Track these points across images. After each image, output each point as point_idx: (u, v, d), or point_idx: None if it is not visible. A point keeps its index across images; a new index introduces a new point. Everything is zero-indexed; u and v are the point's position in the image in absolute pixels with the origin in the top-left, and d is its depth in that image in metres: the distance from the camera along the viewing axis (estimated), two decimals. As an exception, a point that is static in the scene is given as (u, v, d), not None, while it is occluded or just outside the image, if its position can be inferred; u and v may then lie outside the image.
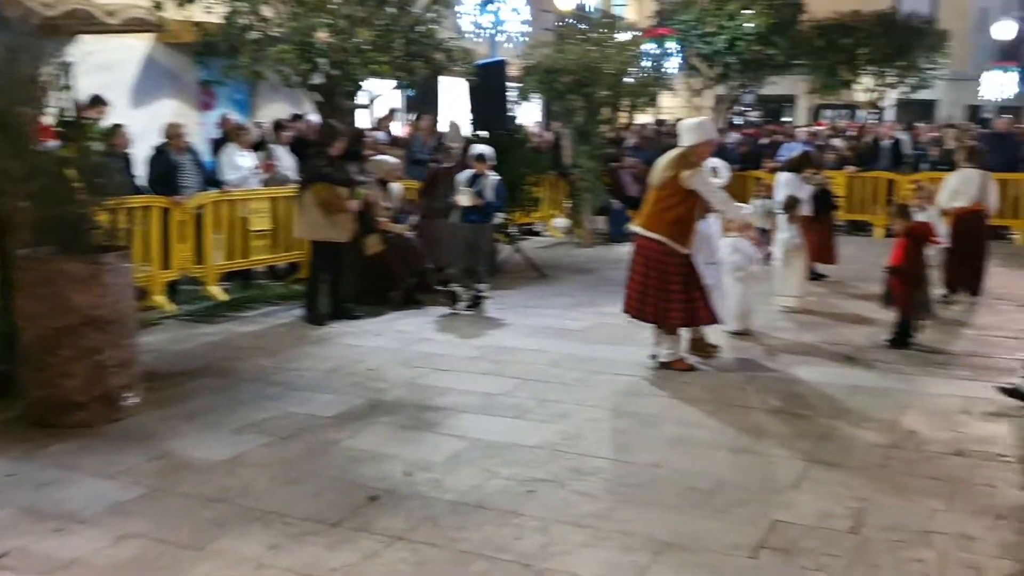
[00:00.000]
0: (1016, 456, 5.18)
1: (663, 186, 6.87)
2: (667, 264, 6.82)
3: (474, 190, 9.20)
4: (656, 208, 6.90)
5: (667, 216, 6.82)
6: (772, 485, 4.80)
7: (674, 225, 6.82)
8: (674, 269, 6.82)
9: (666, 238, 6.81)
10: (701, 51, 21.43)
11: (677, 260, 6.84)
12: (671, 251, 6.81)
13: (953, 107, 31.46)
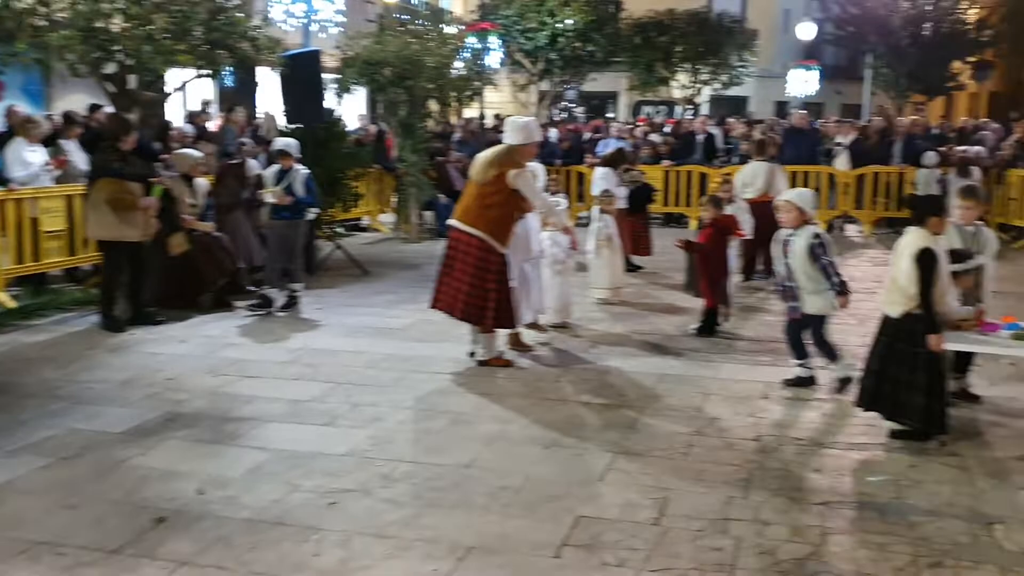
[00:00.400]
0: (810, 439, 5.40)
1: (487, 183, 6.75)
2: (486, 262, 6.72)
3: (282, 186, 8.83)
4: (478, 204, 6.77)
5: (489, 214, 6.72)
6: (580, 479, 4.79)
7: (496, 223, 6.72)
8: (493, 268, 6.73)
9: (487, 235, 6.71)
10: (523, 47, 21.69)
11: (496, 259, 6.76)
12: (491, 249, 6.72)
13: (762, 103, 33.22)
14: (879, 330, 5.42)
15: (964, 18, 29.22)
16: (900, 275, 5.20)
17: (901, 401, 5.24)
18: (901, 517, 4.29)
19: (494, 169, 6.73)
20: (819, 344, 6.36)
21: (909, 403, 5.21)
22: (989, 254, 5.94)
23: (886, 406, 5.32)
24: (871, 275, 11.19)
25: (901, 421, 5.32)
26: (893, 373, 5.24)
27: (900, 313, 5.21)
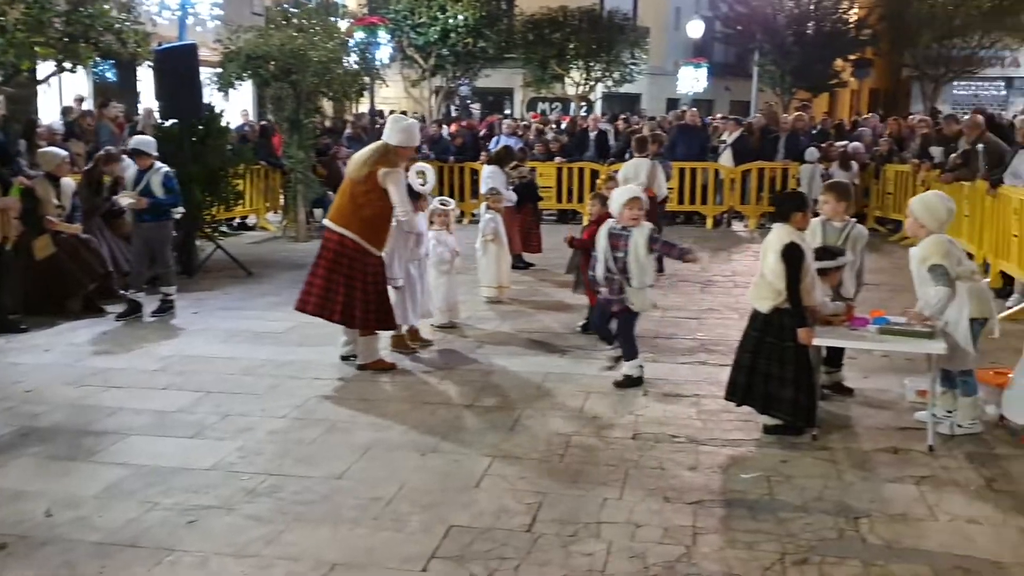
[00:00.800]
0: (686, 436, 5.42)
1: (360, 181, 6.53)
2: (360, 264, 6.53)
3: (140, 188, 8.37)
4: (351, 204, 6.56)
5: (362, 214, 6.51)
6: (456, 486, 4.68)
7: (368, 223, 6.52)
8: (369, 270, 6.54)
9: (359, 237, 6.51)
10: (415, 42, 21.48)
11: (371, 260, 6.57)
12: (364, 251, 6.53)
13: (654, 100, 33.82)
14: (749, 325, 5.47)
15: (845, 17, 30.30)
16: (767, 271, 5.25)
17: (772, 395, 5.30)
18: (771, 514, 4.32)
19: (367, 167, 6.53)
20: (625, 338, 6.53)
21: (779, 397, 5.27)
22: (859, 250, 6.06)
23: (759, 400, 5.38)
24: (754, 269, 11.41)
25: (773, 415, 5.39)
26: (764, 368, 5.29)
27: (769, 308, 5.27)
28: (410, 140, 6.75)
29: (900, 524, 4.19)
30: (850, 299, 5.88)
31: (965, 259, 5.39)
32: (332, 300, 6.54)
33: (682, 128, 16.47)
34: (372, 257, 6.56)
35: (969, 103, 32.01)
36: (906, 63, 31.79)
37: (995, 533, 4.10)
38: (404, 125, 6.80)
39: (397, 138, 6.64)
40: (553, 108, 32.14)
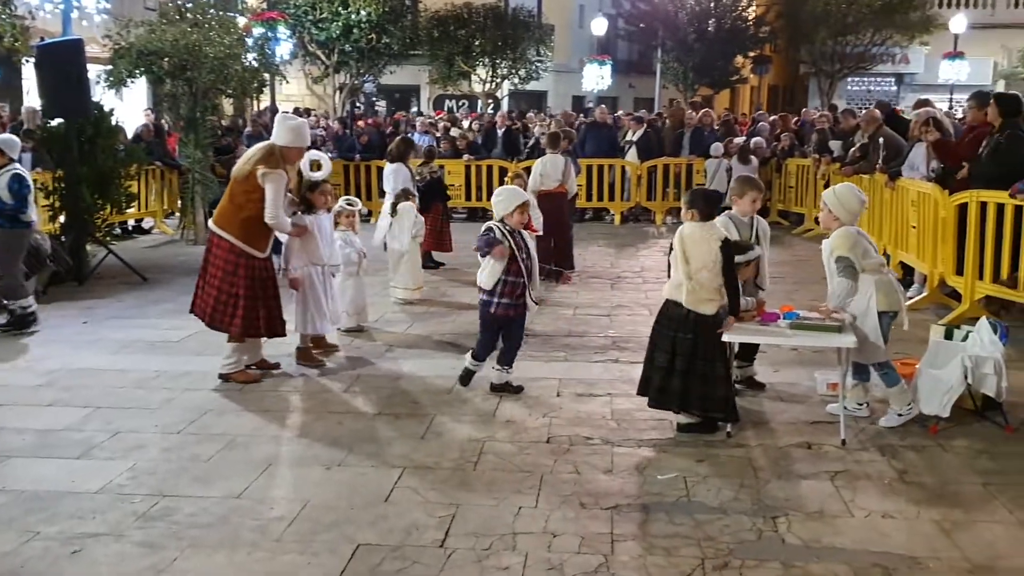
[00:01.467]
0: (601, 438, 5.31)
1: (241, 180, 6.20)
2: (236, 267, 6.20)
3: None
4: (231, 205, 6.25)
5: (241, 215, 6.19)
6: (363, 501, 4.45)
7: (247, 224, 6.19)
8: (244, 272, 6.21)
9: (236, 238, 6.18)
10: (316, 37, 20.98)
11: (248, 263, 6.23)
12: (242, 253, 6.20)
13: (560, 97, 33.95)
14: (675, 327, 5.23)
15: (745, 15, 30.92)
16: (707, 272, 5.11)
17: (698, 394, 5.18)
18: (688, 516, 4.23)
19: (248, 166, 6.19)
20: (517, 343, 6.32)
21: (714, 396, 5.17)
22: (766, 244, 6.07)
23: (675, 400, 5.26)
24: (662, 264, 11.41)
25: (693, 413, 5.31)
26: (700, 368, 5.16)
27: (716, 309, 5.16)
28: (298, 140, 6.37)
29: (817, 522, 4.15)
30: (761, 293, 5.88)
31: (873, 251, 5.42)
32: (207, 303, 6.28)
33: (591, 125, 16.50)
34: (253, 259, 6.24)
35: (862, 99, 33.06)
36: (803, 60, 32.58)
37: (909, 527, 4.09)
38: (292, 124, 6.45)
39: (285, 138, 6.29)
40: (460, 106, 31.93)
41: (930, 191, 8.66)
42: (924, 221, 8.85)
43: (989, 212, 7.66)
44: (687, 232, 5.21)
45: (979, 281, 7.84)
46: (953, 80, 28.67)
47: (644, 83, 35.16)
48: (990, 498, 4.39)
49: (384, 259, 9.48)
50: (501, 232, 5.96)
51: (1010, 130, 7.74)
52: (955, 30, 28.62)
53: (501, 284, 5.97)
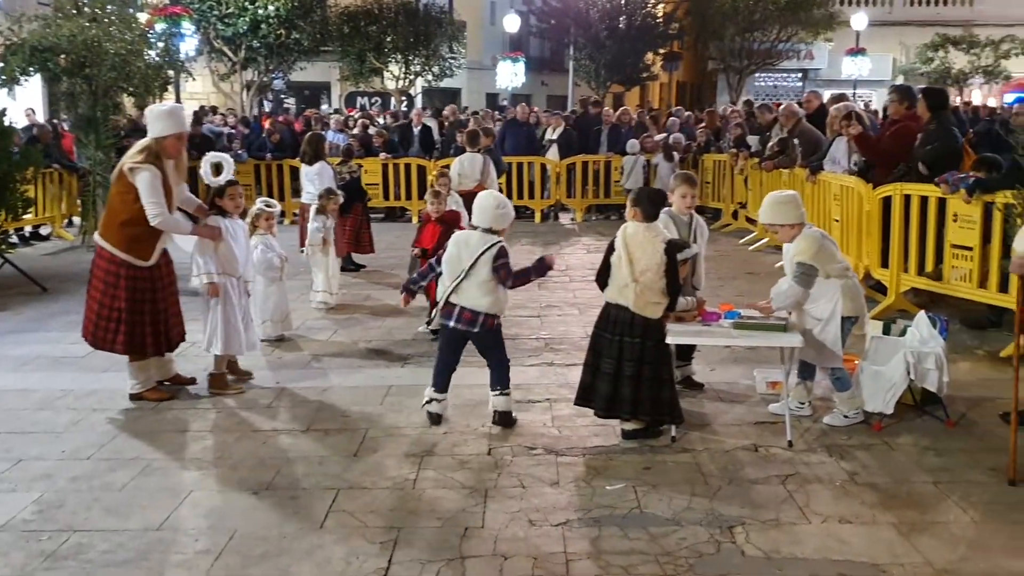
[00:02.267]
0: (544, 447, 5.10)
1: (115, 182, 5.72)
2: (116, 278, 5.70)
3: None
4: (109, 211, 5.78)
5: (118, 219, 5.67)
6: (296, 528, 4.15)
7: (125, 230, 5.67)
8: (125, 284, 5.70)
9: (115, 247, 5.68)
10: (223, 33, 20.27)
11: (130, 274, 5.72)
12: (122, 263, 5.69)
13: (474, 95, 33.72)
14: (621, 331, 5.04)
15: (655, 12, 31.20)
16: (652, 275, 4.94)
17: (648, 398, 5.02)
18: (643, 530, 4.06)
19: (119, 167, 5.69)
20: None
21: (658, 399, 5.03)
22: (703, 242, 5.96)
23: (627, 408, 5.05)
24: (587, 263, 11.35)
25: (641, 419, 5.13)
26: (634, 372, 4.99)
27: (662, 313, 5.01)
28: (176, 125, 5.78)
29: (775, 530, 4.02)
30: (698, 292, 5.76)
31: (839, 256, 5.33)
32: (89, 320, 5.82)
33: (510, 123, 16.33)
34: (135, 269, 5.72)
35: (769, 94, 33.77)
36: (712, 56, 33.10)
37: (868, 532, 4.00)
38: (164, 110, 5.87)
39: (158, 127, 5.71)
40: (373, 103, 31.41)
41: (853, 185, 8.73)
42: (847, 215, 8.93)
43: (913, 205, 7.73)
44: (631, 232, 5.03)
45: (904, 274, 7.91)
46: (855, 76, 29.51)
47: (557, 80, 35.19)
48: (942, 497, 4.34)
49: (303, 263, 9.13)
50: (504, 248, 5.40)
51: (939, 120, 7.86)
52: (856, 27, 29.47)
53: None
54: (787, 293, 5.14)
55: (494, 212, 5.37)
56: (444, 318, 5.42)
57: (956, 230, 7.29)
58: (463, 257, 5.26)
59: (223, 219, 6.21)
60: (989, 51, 29.99)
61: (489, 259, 5.21)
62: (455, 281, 5.28)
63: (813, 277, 5.10)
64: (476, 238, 5.30)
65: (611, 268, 5.10)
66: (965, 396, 5.79)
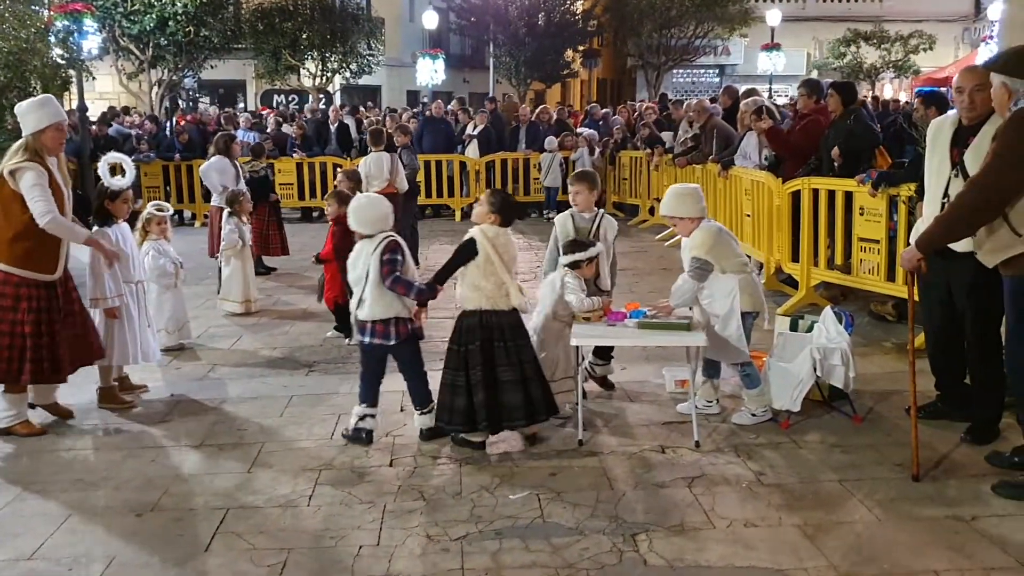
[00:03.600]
0: (448, 456, 4.93)
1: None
2: (16, 300, 5.17)
3: None
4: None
5: (7, 233, 5.13)
6: (180, 553, 3.90)
7: (19, 243, 5.15)
8: (26, 306, 5.17)
9: (10, 265, 5.15)
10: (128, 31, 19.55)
11: (31, 293, 5.20)
12: (21, 281, 5.17)
13: (394, 92, 33.34)
14: (495, 337, 4.90)
15: (573, 9, 31.26)
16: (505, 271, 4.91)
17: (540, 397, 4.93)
18: (544, 540, 3.91)
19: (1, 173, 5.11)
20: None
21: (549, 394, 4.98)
22: (610, 241, 5.83)
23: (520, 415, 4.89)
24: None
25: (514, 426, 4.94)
26: (519, 375, 4.89)
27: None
28: (51, 116, 5.23)
29: (679, 537, 3.91)
30: (607, 292, 5.64)
31: (737, 249, 5.26)
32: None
33: (427, 120, 16.11)
34: (39, 288, 5.23)
35: (687, 90, 34.15)
36: (630, 53, 33.29)
37: (773, 535, 3.91)
38: (36, 102, 5.37)
39: (32, 122, 5.17)
40: (290, 101, 30.80)
41: (763, 179, 8.75)
42: (758, 210, 8.95)
43: (821, 199, 7.77)
44: (492, 235, 4.92)
45: (814, 268, 7.95)
46: (771, 71, 29.97)
47: (478, 77, 35.02)
48: (848, 496, 4.29)
49: (211, 266, 8.81)
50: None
51: (856, 113, 7.92)
52: (771, 23, 29.93)
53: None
54: (682, 289, 5.07)
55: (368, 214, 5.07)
56: (360, 334, 5.13)
57: (863, 223, 7.34)
58: (358, 266, 5.04)
59: (108, 229, 5.88)
60: (899, 46, 30.79)
61: (378, 256, 4.94)
62: (360, 293, 5.04)
63: (708, 272, 5.05)
64: (370, 243, 5.06)
65: (469, 276, 4.92)
66: (873, 390, 5.80)
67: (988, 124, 4.54)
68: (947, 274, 4.87)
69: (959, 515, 4.06)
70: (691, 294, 5.10)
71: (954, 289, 4.90)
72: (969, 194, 4.22)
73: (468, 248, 4.91)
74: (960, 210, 4.28)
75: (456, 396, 4.90)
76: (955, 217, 4.31)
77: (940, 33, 31.82)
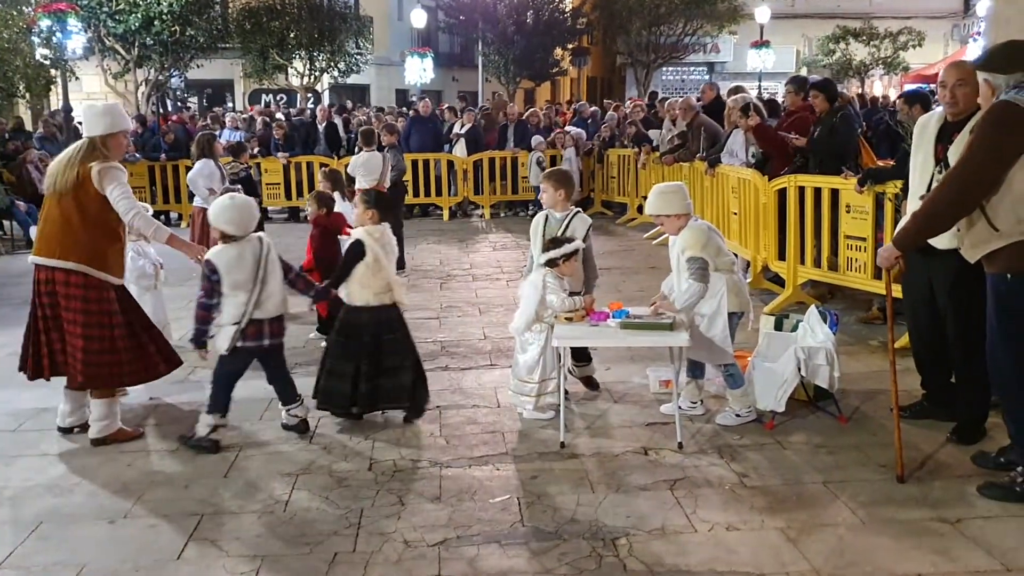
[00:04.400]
0: (428, 459, 4.85)
1: (70, 191, 5.01)
2: (99, 303, 5.07)
3: None
4: (68, 227, 5.03)
5: (90, 234, 5.02)
6: (150, 560, 3.82)
7: (101, 244, 5.06)
8: (105, 307, 5.07)
9: (93, 267, 5.03)
10: (113, 30, 19.40)
11: (107, 296, 5.10)
12: (99, 284, 5.06)
13: (383, 91, 33.24)
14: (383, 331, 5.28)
15: (562, 7, 31.20)
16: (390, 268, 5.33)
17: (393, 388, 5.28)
18: (523, 546, 3.84)
19: (73, 169, 5.04)
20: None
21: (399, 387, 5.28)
22: (578, 236, 5.72)
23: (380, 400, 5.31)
24: (491, 260, 11.17)
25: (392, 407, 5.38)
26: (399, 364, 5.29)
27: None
28: (119, 123, 5.23)
29: (659, 541, 3.85)
30: (589, 292, 5.57)
31: (725, 249, 5.19)
32: (76, 357, 5.05)
33: (415, 119, 16.02)
34: (108, 291, 5.11)
35: (677, 88, 34.16)
36: (619, 51, 33.28)
37: (755, 539, 3.85)
38: (104, 108, 5.32)
39: (102, 125, 5.15)
40: (279, 100, 30.68)
41: (750, 177, 8.70)
42: (745, 207, 8.90)
43: (807, 196, 7.72)
44: (378, 235, 5.26)
45: (801, 266, 7.90)
46: (760, 68, 29.96)
47: (467, 76, 34.93)
48: (832, 498, 4.23)
49: (194, 267, 8.69)
50: None
51: (843, 112, 7.88)
52: (760, 20, 29.95)
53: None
54: (689, 292, 4.97)
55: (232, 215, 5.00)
56: (255, 339, 5.06)
57: (849, 221, 7.29)
58: (244, 269, 4.97)
59: None
60: (888, 43, 30.82)
61: (277, 258, 5.10)
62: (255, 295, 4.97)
63: (707, 270, 4.99)
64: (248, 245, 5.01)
65: (358, 275, 5.21)
66: (858, 389, 5.75)
67: (972, 120, 4.49)
68: (929, 271, 4.83)
69: (944, 517, 4.01)
70: (699, 296, 5.00)
71: (936, 287, 4.85)
72: (945, 188, 4.16)
73: (357, 250, 5.21)
74: (937, 205, 4.21)
75: (341, 382, 5.23)
76: (932, 212, 4.24)
77: (929, 29, 31.89)
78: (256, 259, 4.96)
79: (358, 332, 5.22)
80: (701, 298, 4.99)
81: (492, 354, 6.92)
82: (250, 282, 4.94)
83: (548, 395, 5.30)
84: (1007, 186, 3.94)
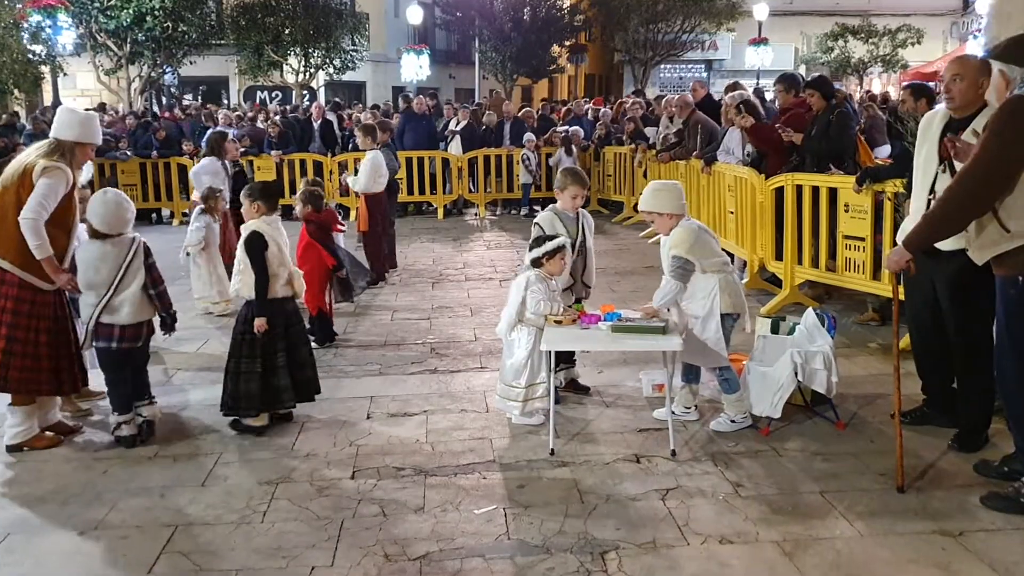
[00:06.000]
0: (413, 467, 4.70)
1: (13, 186, 4.88)
2: (31, 305, 4.95)
3: None
4: (2, 222, 4.90)
5: (17, 232, 4.86)
6: (121, 575, 3.67)
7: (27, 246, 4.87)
8: (36, 311, 4.95)
9: (18, 267, 4.90)
10: (105, 26, 19.21)
11: (40, 299, 4.98)
12: (29, 286, 4.94)
13: (379, 88, 33.05)
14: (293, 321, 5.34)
15: (560, 4, 31.04)
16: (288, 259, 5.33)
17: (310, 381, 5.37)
18: (508, 561, 3.69)
19: (21, 166, 4.88)
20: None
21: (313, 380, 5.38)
22: (590, 238, 5.61)
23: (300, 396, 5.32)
24: (485, 260, 11.01)
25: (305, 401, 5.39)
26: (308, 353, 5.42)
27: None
28: (92, 136, 5.14)
29: (650, 555, 3.70)
30: (589, 288, 5.45)
31: (717, 248, 5.04)
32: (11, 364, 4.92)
33: (409, 117, 15.84)
34: (45, 295, 4.98)
35: (675, 85, 33.98)
36: (617, 48, 33.11)
37: (749, 553, 3.70)
38: (84, 116, 5.23)
39: (76, 132, 5.03)
40: (273, 97, 30.51)
41: (747, 175, 8.55)
42: (742, 206, 8.74)
43: (805, 195, 7.56)
44: (269, 225, 5.20)
45: (798, 266, 7.75)
46: (759, 65, 29.83)
47: (464, 73, 34.77)
48: (829, 508, 4.08)
49: (184, 266, 8.56)
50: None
51: (840, 110, 7.73)
52: (758, 17, 29.81)
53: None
54: (665, 291, 4.86)
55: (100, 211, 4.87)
56: (105, 340, 4.91)
57: (848, 220, 7.14)
58: (103, 270, 4.82)
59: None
60: (886, 40, 30.66)
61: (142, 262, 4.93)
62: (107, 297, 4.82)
63: (689, 271, 4.85)
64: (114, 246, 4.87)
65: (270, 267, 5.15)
66: (857, 393, 5.60)
67: (980, 116, 4.35)
68: (933, 273, 4.67)
69: (945, 529, 3.86)
70: (674, 295, 4.90)
71: (939, 289, 4.70)
72: (957, 188, 3.97)
73: (259, 243, 5.11)
74: (948, 205, 4.01)
75: (248, 383, 5.09)
76: (943, 213, 4.05)
77: (928, 27, 31.75)
78: (118, 263, 4.83)
79: (271, 324, 5.12)
80: (677, 296, 4.88)
81: (482, 356, 6.76)
82: (103, 286, 4.82)
83: (536, 400, 5.16)
84: (1021, 185, 3.78)
